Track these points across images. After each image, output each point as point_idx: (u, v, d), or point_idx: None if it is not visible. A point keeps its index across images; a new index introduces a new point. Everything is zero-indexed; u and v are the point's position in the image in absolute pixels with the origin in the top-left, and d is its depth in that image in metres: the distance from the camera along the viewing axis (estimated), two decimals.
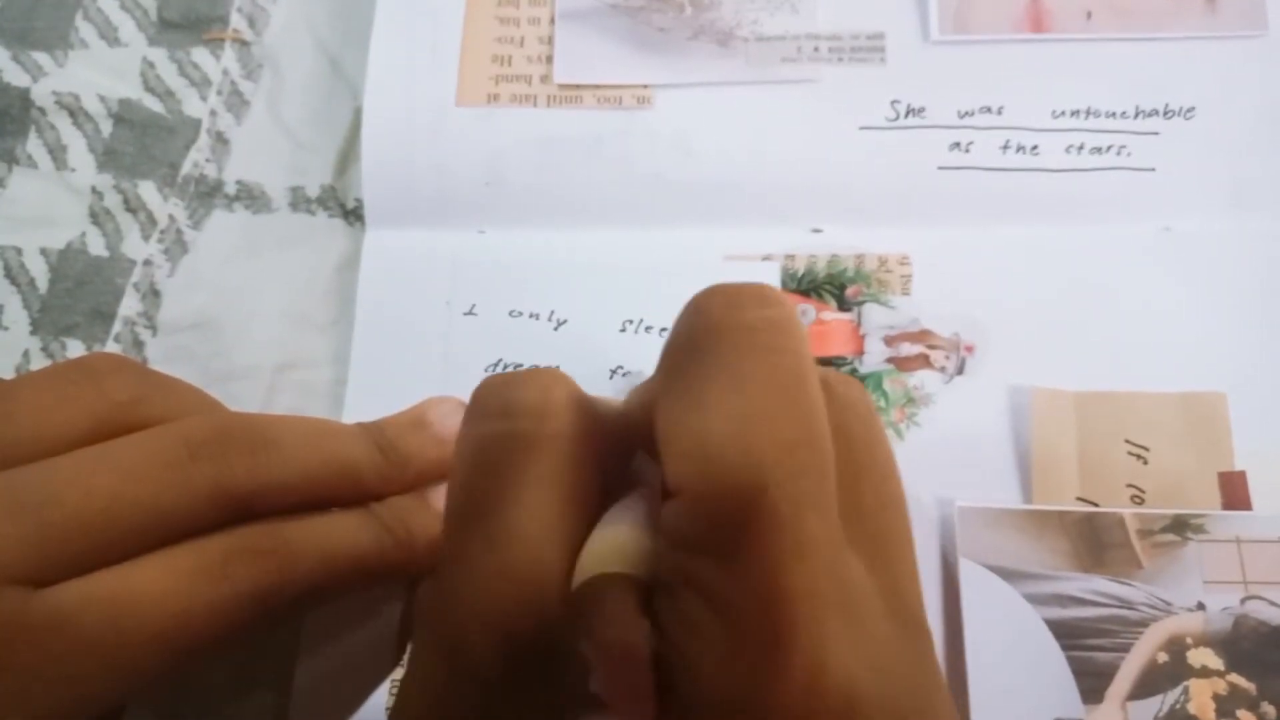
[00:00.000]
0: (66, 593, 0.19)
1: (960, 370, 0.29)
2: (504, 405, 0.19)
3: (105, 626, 0.19)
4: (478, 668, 0.17)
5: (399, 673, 0.27)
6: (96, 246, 0.33)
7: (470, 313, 0.31)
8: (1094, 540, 0.26)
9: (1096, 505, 0.27)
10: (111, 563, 0.19)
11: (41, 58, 0.35)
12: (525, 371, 0.19)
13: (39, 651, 0.18)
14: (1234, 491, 0.27)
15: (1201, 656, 0.25)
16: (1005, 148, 0.31)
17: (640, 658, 0.15)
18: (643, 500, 0.19)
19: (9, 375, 0.31)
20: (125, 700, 0.20)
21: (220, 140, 0.34)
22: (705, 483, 0.15)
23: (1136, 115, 0.31)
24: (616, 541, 0.18)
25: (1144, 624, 0.26)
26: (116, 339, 0.31)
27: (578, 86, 0.32)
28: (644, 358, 0.30)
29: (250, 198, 0.33)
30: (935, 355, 0.29)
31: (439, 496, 0.26)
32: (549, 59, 0.33)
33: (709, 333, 0.17)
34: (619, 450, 0.20)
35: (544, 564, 0.17)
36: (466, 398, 0.29)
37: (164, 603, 0.19)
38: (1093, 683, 0.25)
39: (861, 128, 0.31)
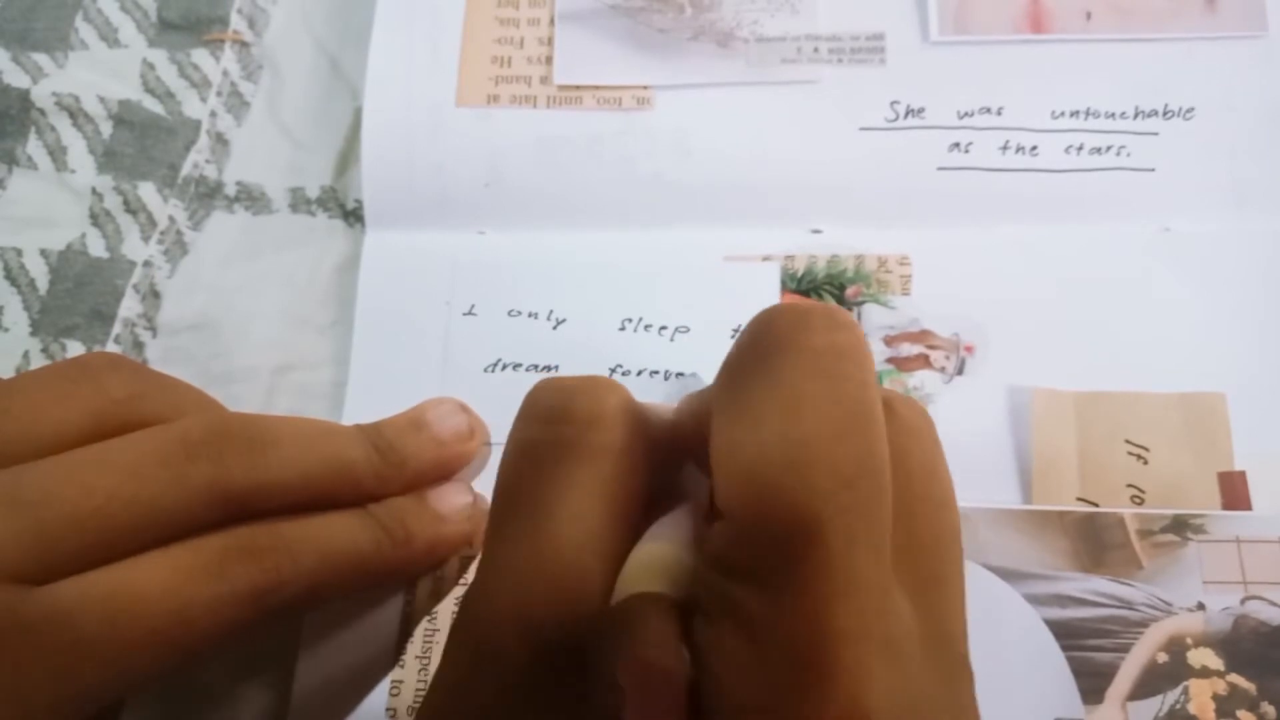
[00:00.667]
0: (63, 590, 0.18)
1: (960, 371, 0.29)
2: (556, 410, 0.19)
3: (102, 624, 0.18)
4: (501, 662, 0.17)
5: (398, 672, 0.27)
6: (96, 248, 0.33)
7: (470, 313, 0.31)
8: (1094, 540, 0.26)
9: (1096, 505, 0.27)
10: (109, 561, 0.19)
11: (41, 59, 0.35)
12: (579, 378, 0.19)
13: (35, 648, 0.18)
14: (1234, 492, 0.27)
15: (1201, 657, 0.25)
16: (1005, 148, 0.31)
17: (676, 685, 0.15)
18: (689, 516, 0.19)
19: (9, 375, 0.31)
20: (122, 698, 0.20)
21: (220, 141, 0.34)
22: (756, 507, 0.15)
23: (1136, 116, 0.31)
24: (659, 559, 0.17)
25: (1144, 624, 0.26)
26: (116, 340, 0.31)
27: (577, 87, 0.32)
28: (643, 357, 0.30)
29: (250, 199, 0.33)
30: (935, 356, 0.29)
31: (438, 497, 0.26)
32: (549, 60, 0.33)
33: (773, 351, 0.16)
34: (667, 460, 0.19)
35: (583, 570, 0.17)
36: (466, 398, 0.29)
37: (161, 601, 0.19)
38: (1093, 683, 0.25)
39: (861, 128, 0.31)
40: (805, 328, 0.17)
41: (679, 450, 0.19)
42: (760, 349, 0.17)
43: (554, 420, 0.18)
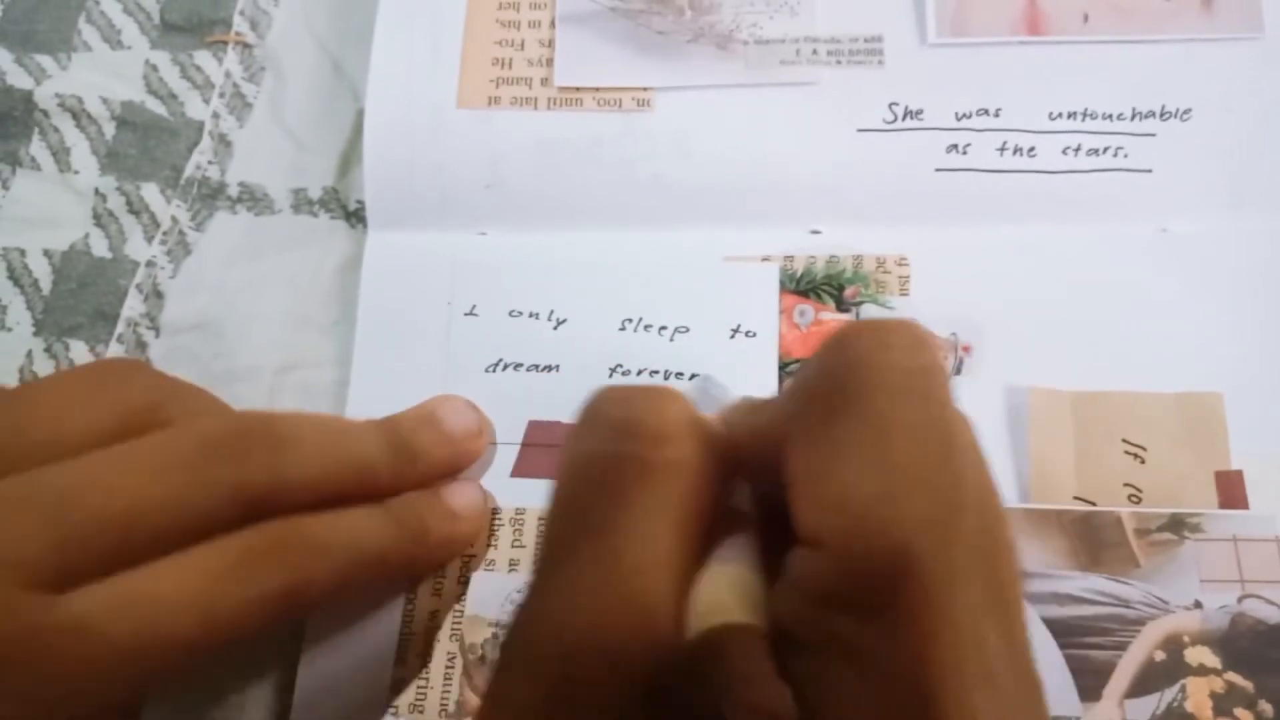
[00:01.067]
0: (90, 598, 0.18)
1: (958, 370, 0.29)
2: (622, 423, 0.18)
3: (129, 631, 0.18)
4: (584, 696, 0.16)
5: (400, 670, 0.27)
6: (99, 248, 0.33)
7: (471, 313, 0.31)
8: (1091, 539, 0.27)
9: (1094, 504, 0.27)
10: (133, 563, 0.19)
11: (45, 60, 0.35)
12: (643, 389, 0.18)
13: (60, 658, 0.18)
14: (1230, 491, 0.27)
15: (1199, 655, 0.25)
16: (1002, 149, 0.31)
17: None
18: (750, 537, 0.18)
19: (12, 376, 0.31)
20: (146, 697, 0.20)
21: (223, 142, 0.34)
22: (852, 541, 0.15)
23: (1133, 117, 0.31)
24: (734, 585, 0.17)
25: (1141, 622, 0.26)
26: (119, 340, 0.32)
27: (578, 89, 0.32)
28: (643, 357, 0.30)
29: (253, 199, 0.34)
30: None
31: (450, 494, 0.26)
32: (549, 62, 0.33)
33: (856, 374, 0.16)
34: (724, 476, 0.19)
35: (658, 595, 0.16)
36: (467, 397, 0.29)
37: (188, 607, 0.19)
38: (1090, 681, 0.25)
39: (860, 130, 0.31)
40: (888, 347, 0.16)
41: (734, 465, 0.19)
42: (842, 370, 0.16)
43: (621, 433, 0.18)
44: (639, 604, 0.16)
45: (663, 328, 0.30)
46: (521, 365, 0.30)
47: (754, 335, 0.30)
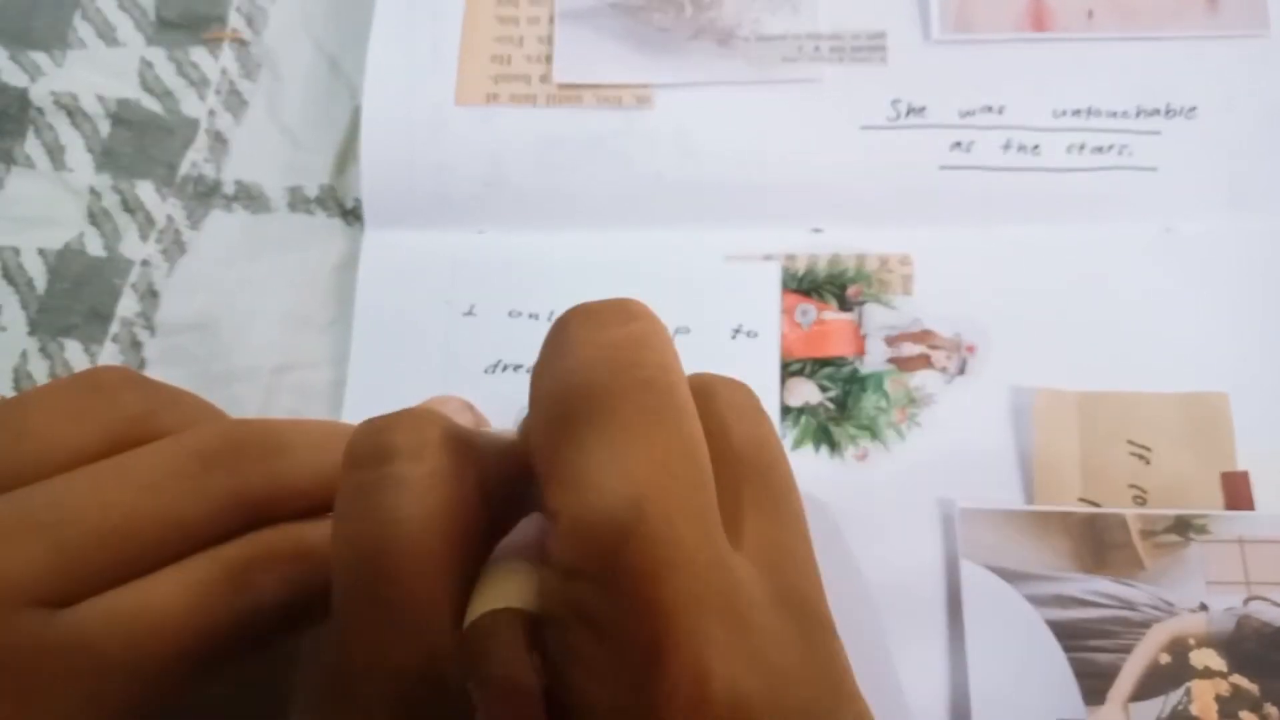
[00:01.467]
0: (87, 613, 0.18)
1: (961, 371, 0.29)
2: (376, 450, 0.18)
3: (129, 645, 0.18)
4: (370, 716, 0.16)
5: None
6: (94, 247, 0.33)
7: (470, 313, 0.31)
8: (1096, 541, 0.26)
9: (1098, 506, 0.27)
10: (131, 577, 0.19)
11: (40, 58, 0.35)
12: (396, 413, 0.19)
13: (63, 674, 0.18)
14: (1236, 492, 0.27)
15: (1204, 658, 0.25)
16: (1006, 147, 0.31)
17: (528, 694, 0.15)
18: (534, 529, 0.19)
19: (7, 376, 0.31)
20: (151, 713, 0.20)
21: (219, 140, 0.34)
22: (580, 509, 0.15)
23: (1138, 115, 0.31)
24: (503, 576, 0.17)
25: (1146, 625, 0.26)
26: (114, 339, 0.31)
27: (577, 86, 0.32)
28: None
29: (249, 198, 0.33)
30: (936, 355, 0.29)
31: None
32: (549, 58, 0.32)
33: (572, 356, 0.17)
34: (513, 481, 0.19)
35: (431, 604, 0.17)
36: (466, 397, 0.29)
37: (187, 617, 0.19)
38: (1095, 684, 0.25)
39: (862, 127, 0.31)
40: (599, 325, 0.17)
41: (523, 470, 0.19)
42: (559, 355, 0.17)
43: (376, 460, 0.18)
44: (411, 617, 0.17)
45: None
46: (521, 365, 0.30)
47: (755, 335, 0.30)
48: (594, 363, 0.16)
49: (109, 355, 0.31)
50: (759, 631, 0.16)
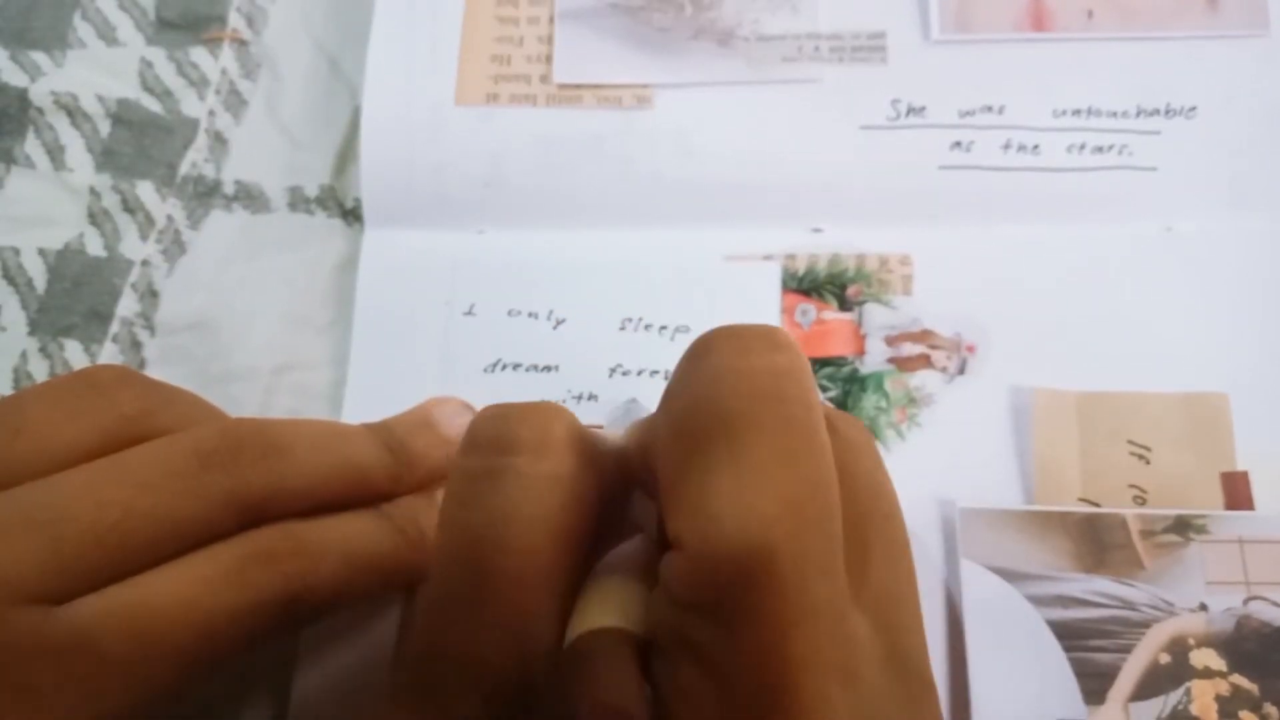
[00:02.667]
0: (84, 609, 0.18)
1: (961, 370, 0.29)
2: (500, 439, 0.18)
3: (126, 642, 0.18)
4: (451, 705, 0.16)
5: None
6: (94, 247, 0.33)
7: (469, 313, 0.31)
8: (1096, 541, 0.26)
9: (1098, 506, 0.27)
10: (128, 575, 0.19)
11: (39, 57, 0.35)
12: (524, 405, 0.19)
13: (60, 670, 0.18)
14: (1236, 492, 0.27)
15: (1204, 657, 0.25)
16: (1006, 147, 0.31)
17: None
18: (641, 547, 0.18)
19: (7, 376, 0.31)
20: (149, 711, 0.20)
21: (218, 140, 0.34)
22: (707, 540, 0.15)
23: (1138, 114, 0.31)
24: (614, 593, 0.17)
25: (1146, 625, 0.26)
26: (115, 339, 0.31)
27: (577, 86, 0.32)
28: (643, 356, 0.30)
29: (249, 198, 0.33)
30: (936, 355, 0.29)
31: None
32: (548, 58, 0.32)
33: (714, 379, 0.16)
34: (617, 490, 0.19)
35: (535, 612, 0.17)
36: (465, 397, 0.29)
37: (185, 614, 0.19)
38: (1095, 684, 0.25)
39: (862, 127, 0.31)
40: (744, 352, 0.16)
41: (628, 479, 0.19)
42: (700, 378, 0.17)
43: (498, 449, 0.18)
44: (512, 616, 0.16)
45: (663, 327, 0.30)
46: (520, 365, 0.30)
47: None
48: (736, 390, 0.16)
49: (109, 355, 0.31)
50: (872, 693, 0.15)
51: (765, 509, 0.15)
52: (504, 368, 0.30)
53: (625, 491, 0.19)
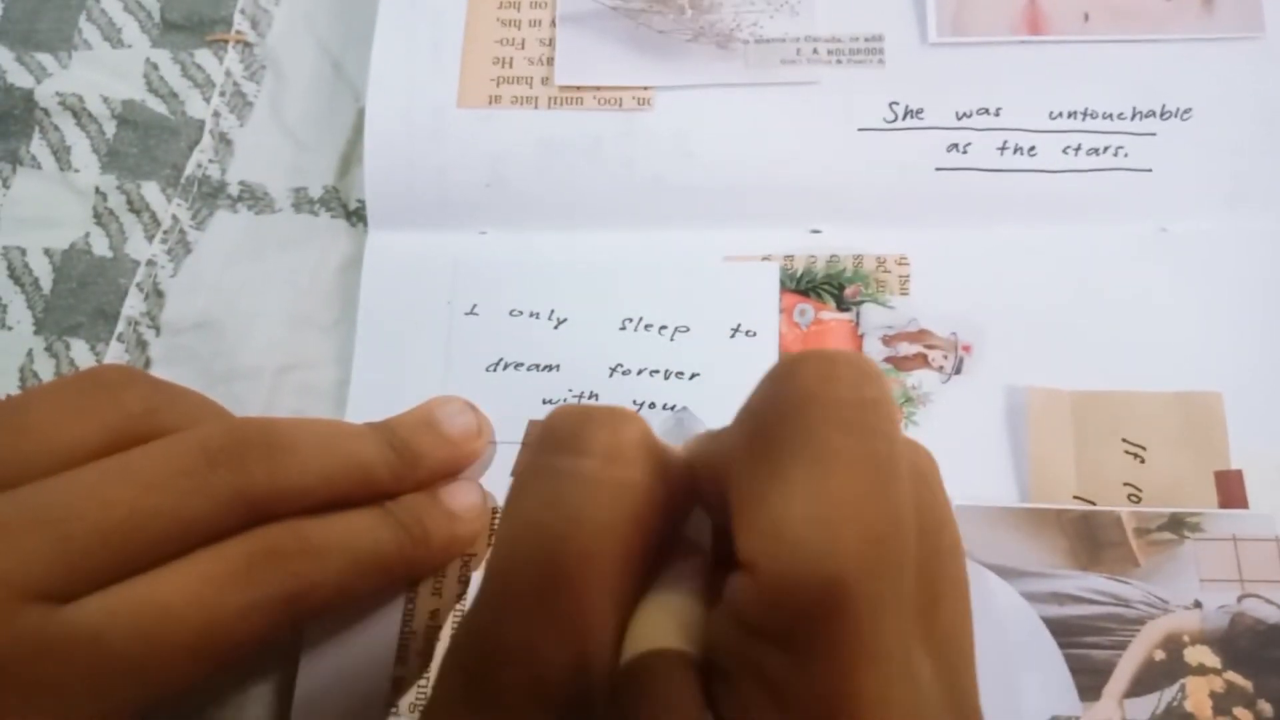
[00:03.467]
0: (91, 607, 0.18)
1: (958, 370, 0.29)
2: (575, 439, 0.18)
3: (133, 640, 0.18)
4: (503, 704, 0.16)
5: (400, 670, 0.27)
6: (100, 247, 0.33)
7: (471, 312, 0.31)
8: (1091, 539, 0.27)
9: (1093, 504, 0.27)
10: (134, 573, 0.19)
11: (45, 59, 0.35)
12: (601, 408, 0.18)
13: (67, 668, 0.18)
14: (1230, 490, 0.27)
15: (1198, 654, 0.25)
16: (1003, 149, 0.31)
17: None
18: (700, 566, 0.18)
19: (13, 375, 0.31)
20: (155, 708, 0.20)
21: (223, 141, 0.34)
22: (782, 567, 0.14)
23: (1134, 116, 0.31)
24: (674, 613, 0.17)
25: (1141, 622, 0.26)
26: (120, 339, 0.32)
27: (578, 88, 0.32)
28: (643, 357, 0.30)
29: (253, 198, 0.34)
30: (933, 355, 0.30)
31: (450, 495, 0.26)
32: (550, 61, 0.33)
33: (800, 405, 0.16)
34: (681, 504, 0.19)
35: (599, 615, 0.16)
36: (468, 397, 0.29)
37: (190, 613, 0.19)
38: (1090, 680, 0.25)
39: (860, 129, 0.32)
40: (833, 379, 0.16)
41: (690, 494, 0.19)
42: (786, 400, 0.16)
43: (573, 450, 0.17)
44: (574, 622, 0.16)
45: (663, 327, 0.30)
46: (522, 365, 0.30)
47: (754, 334, 0.30)
48: (825, 419, 0.15)
49: (115, 354, 0.31)
50: None
51: (847, 542, 0.14)
52: (505, 367, 0.30)
53: (688, 506, 0.19)
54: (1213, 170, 0.31)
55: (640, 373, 0.30)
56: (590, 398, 0.30)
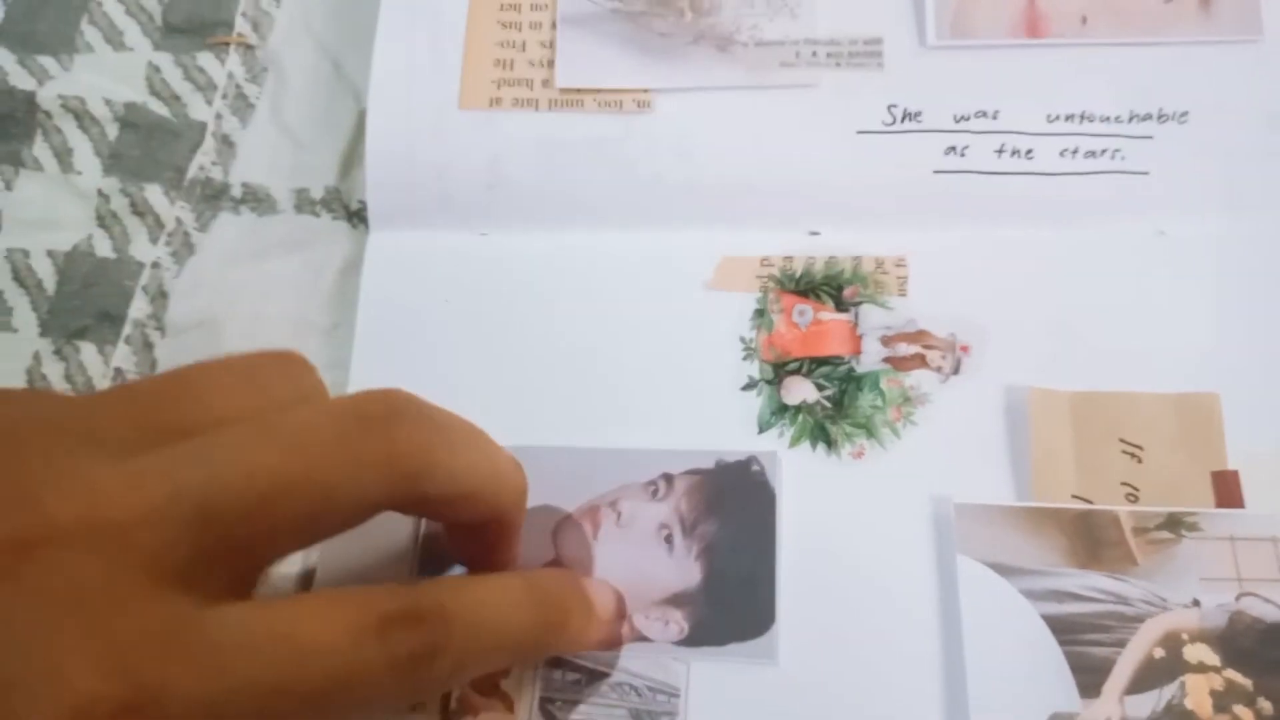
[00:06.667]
0: (230, 619, 0.17)
1: (956, 370, 0.29)
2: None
3: (264, 668, 0.17)
4: None
5: None
6: (103, 249, 0.33)
7: (471, 313, 0.31)
8: (1090, 537, 0.27)
9: (1092, 503, 0.27)
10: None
11: (47, 61, 0.35)
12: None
13: (188, 673, 0.16)
14: (1226, 491, 0.27)
15: (1198, 652, 0.26)
16: (1001, 151, 0.31)
17: None
18: None
19: (19, 377, 0.31)
20: None
21: (225, 143, 0.34)
22: None
23: (1131, 119, 0.31)
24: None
25: (1140, 620, 0.26)
26: (127, 341, 0.32)
27: (579, 90, 0.33)
28: (642, 356, 0.30)
29: (255, 200, 0.34)
30: (931, 355, 0.30)
31: (594, 586, 0.25)
32: (550, 63, 0.33)
33: None
34: None
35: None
36: (467, 399, 0.29)
37: (324, 657, 0.18)
38: (1090, 677, 0.25)
39: (859, 132, 0.32)
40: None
41: None
42: None
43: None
44: None
45: (663, 327, 0.31)
46: (522, 365, 0.30)
47: (752, 336, 0.30)
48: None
49: (123, 356, 0.31)
50: None
51: None
52: (505, 367, 0.30)
53: None
54: (1210, 173, 0.31)
55: (640, 372, 0.30)
56: (590, 397, 0.30)
